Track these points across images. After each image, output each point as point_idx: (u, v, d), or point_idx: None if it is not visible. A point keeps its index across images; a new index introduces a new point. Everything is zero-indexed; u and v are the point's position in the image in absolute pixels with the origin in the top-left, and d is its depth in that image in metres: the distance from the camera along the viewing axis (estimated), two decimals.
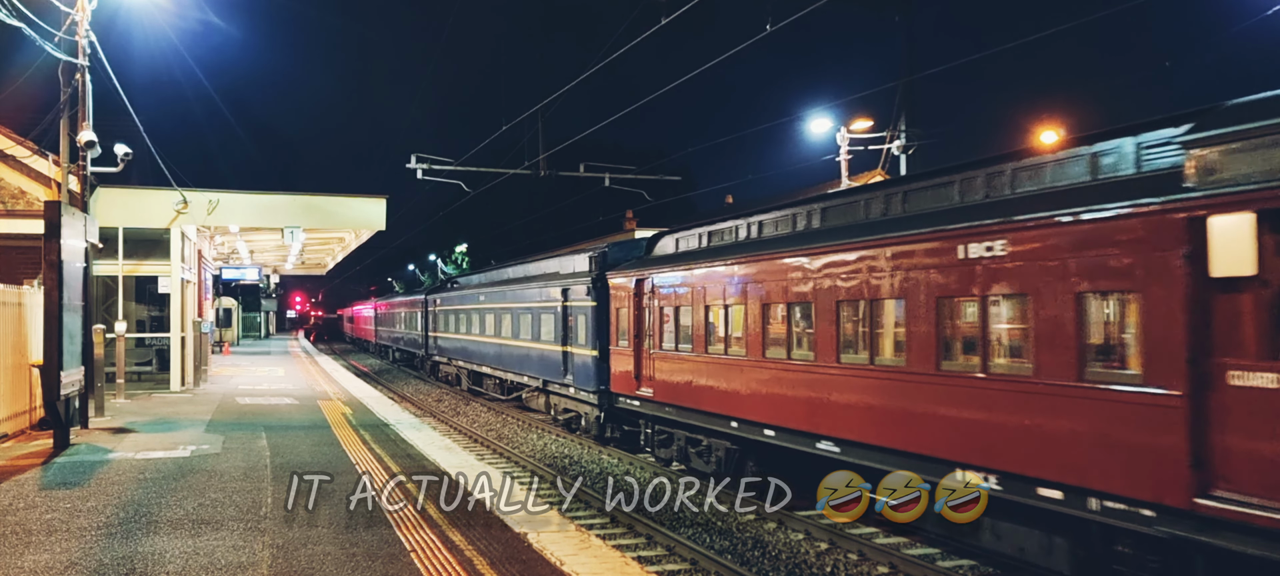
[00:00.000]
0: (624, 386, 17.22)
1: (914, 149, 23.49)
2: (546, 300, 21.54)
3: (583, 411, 19.90)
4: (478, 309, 28.48)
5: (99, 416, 16.63)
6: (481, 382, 29.31)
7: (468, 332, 29.83)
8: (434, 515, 9.27)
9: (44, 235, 12.71)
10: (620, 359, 17.36)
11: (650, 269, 16.47)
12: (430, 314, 37.22)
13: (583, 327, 19.19)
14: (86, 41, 16.04)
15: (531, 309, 22.75)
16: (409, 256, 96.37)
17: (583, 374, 19.24)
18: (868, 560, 10.80)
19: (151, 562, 7.38)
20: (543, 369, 21.98)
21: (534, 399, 23.96)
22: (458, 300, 31.89)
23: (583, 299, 19.23)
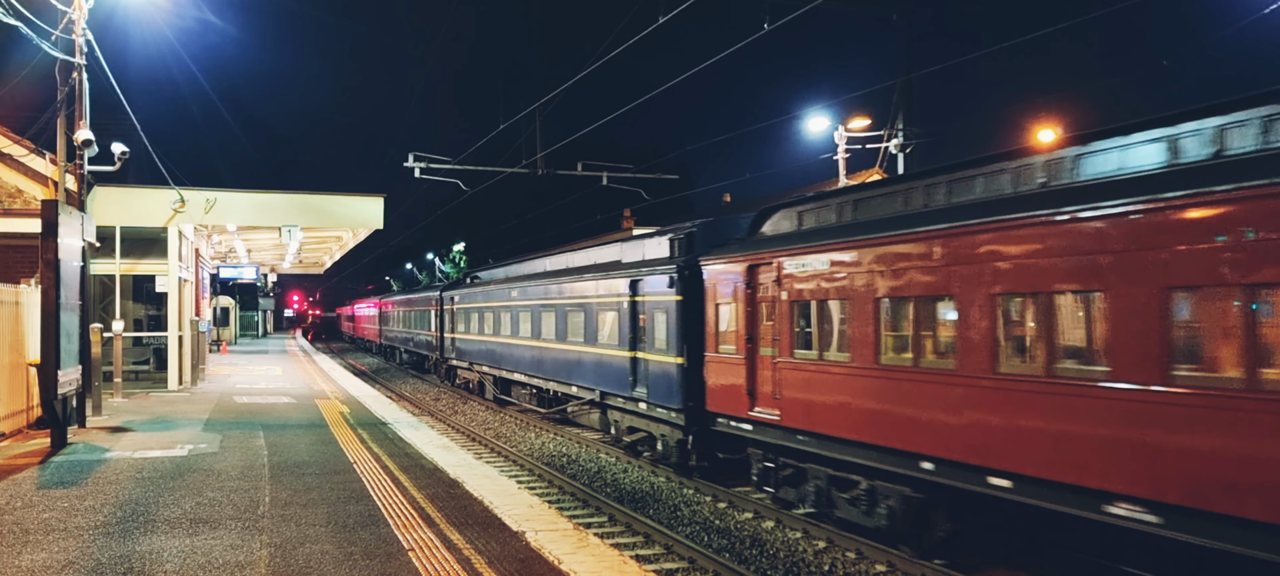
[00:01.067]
0: (727, 404, 13.75)
1: (911, 147, 23.50)
2: (607, 295, 18.18)
3: (659, 433, 16.17)
4: (508, 306, 24.88)
5: (96, 415, 16.62)
6: (509, 390, 26.26)
7: (495, 334, 26.26)
8: (432, 513, 9.27)
9: (41, 234, 12.70)
10: (721, 369, 13.95)
11: (772, 252, 12.65)
12: (446, 313, 33.64)
13: (662, 328, 15.64)
14: (83, 40, 16.01)
15: (585, 305, 19.26)
16: (406, 255, 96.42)
17: (661, 386, 15.62)
18: (866, 559, 10.81)
19: (149, 561, 7.38)
20: (600, 378, 18.44)
21: (584, 413, 20.54)
22: (482, 297, 28.07)
23: (662, 293, 15.66)
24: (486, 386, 28.28)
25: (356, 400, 21.69)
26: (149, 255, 24.65)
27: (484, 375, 28.43)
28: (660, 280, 15.76)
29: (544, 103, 25.68)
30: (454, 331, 32.18)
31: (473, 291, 29.60)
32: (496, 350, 26.17)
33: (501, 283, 26.44)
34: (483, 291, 28.14)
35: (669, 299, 15.38)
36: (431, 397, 30.95)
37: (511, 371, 24.98)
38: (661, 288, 15.70)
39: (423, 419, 21.44)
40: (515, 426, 22.94)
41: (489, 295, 27.27)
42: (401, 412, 19.73)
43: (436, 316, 35.64)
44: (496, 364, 26.38)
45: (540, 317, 22.03)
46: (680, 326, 14.97)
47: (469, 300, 29.94)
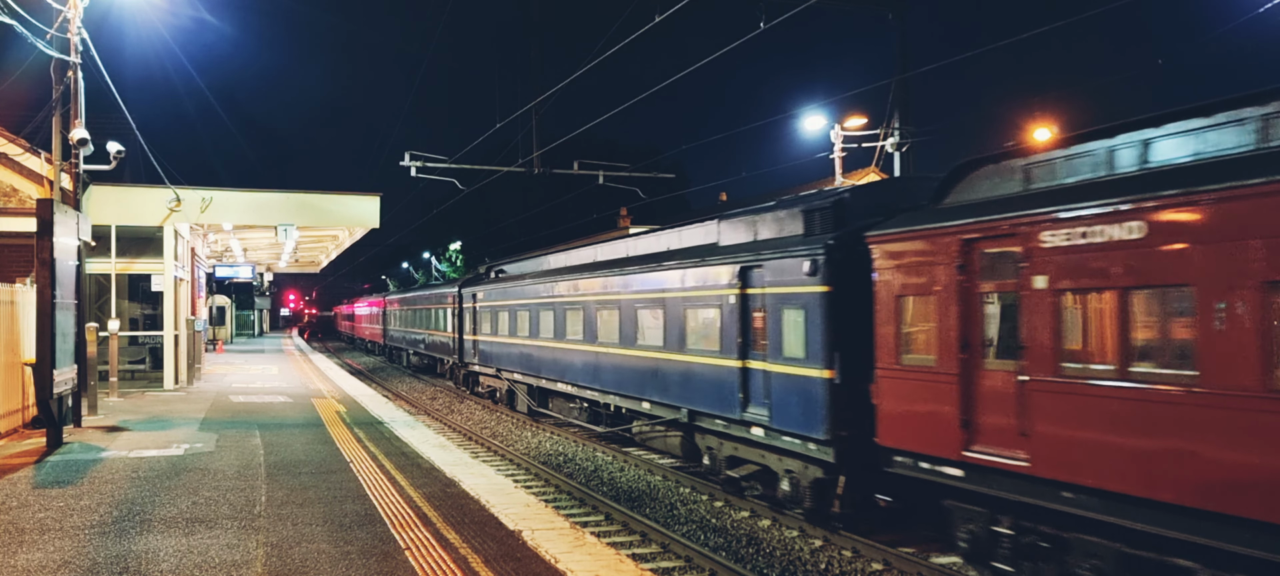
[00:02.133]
0: (917, 438, 9.89)
1: (908, 146, 23.53)
2: (701, 288, 14.29)
3: (784, 470, 12.30)
4: (550, 303, 20.99)
5: (92, 415, 16.59)
6: (548, 403, 22.30)
7: (531, 336, 22.24)
8: (428, 512, 9.27)
9: (36, 233, 12.68)
10: (906, 388, 10.07)
11: (1015, 218, 8.75)
12: (466, 311, 29.29)
13: (796, 330, 11.71)
14: (78, 39, 15.98)
15: (665, 301, 15.43)
16: (402, 255, 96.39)
17: (794, 408, 11.71)
18: (861, 558, 10.83)
19: (145, 561, 7.37)
20: (689, 393, 14.58)
21: (660, 436, 16.40)
22: (514, 294, 23.91)
23: (796, 282, 11.68)
24: (517, 396, 24.13)
25: (353, 399, 21.67)
26: (145, 254, 24.62)
27: (514, 383, 24.30)
28: (793, 265, 11.75)
29: (540, 101, 25.67)
30: (476, 332, 27.98)
31: (500, 287, 25.48)
32: (533, 355, 22.09)
33: (539, 277, 22.23)
34: (514, 287, 23.92)
35: (809, 290, 11.41)
36: (428, 397, 30.94)
37: (553, 380, 20.91)
38: (795, 275, 11.69)
39: (419, 418, 21.44)
40: (511, 425, 22.93)
41: (522, 291, 23.12)
42: (398, 411, 19.71)
43: (453, 315, 31.61)
44: (533, 371, 22.27)
45: (597, 317, 18.14)
46: (828, 327, 11.05)
47: (496, 297, 25.73)
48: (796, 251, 11.77)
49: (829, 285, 11.14)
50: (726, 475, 13.79)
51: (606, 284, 17.97)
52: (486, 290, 26.95)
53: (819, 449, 11.28)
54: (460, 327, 30.26)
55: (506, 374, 24.84)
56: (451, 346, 32.12)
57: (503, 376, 25.25)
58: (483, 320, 27.17)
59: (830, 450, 11.06)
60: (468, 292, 29.14)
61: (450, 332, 32.16)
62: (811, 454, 11.46)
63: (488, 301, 26.65)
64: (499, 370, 25.49)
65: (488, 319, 26.53)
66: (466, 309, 29.35)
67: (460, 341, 30.36)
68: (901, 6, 23.63)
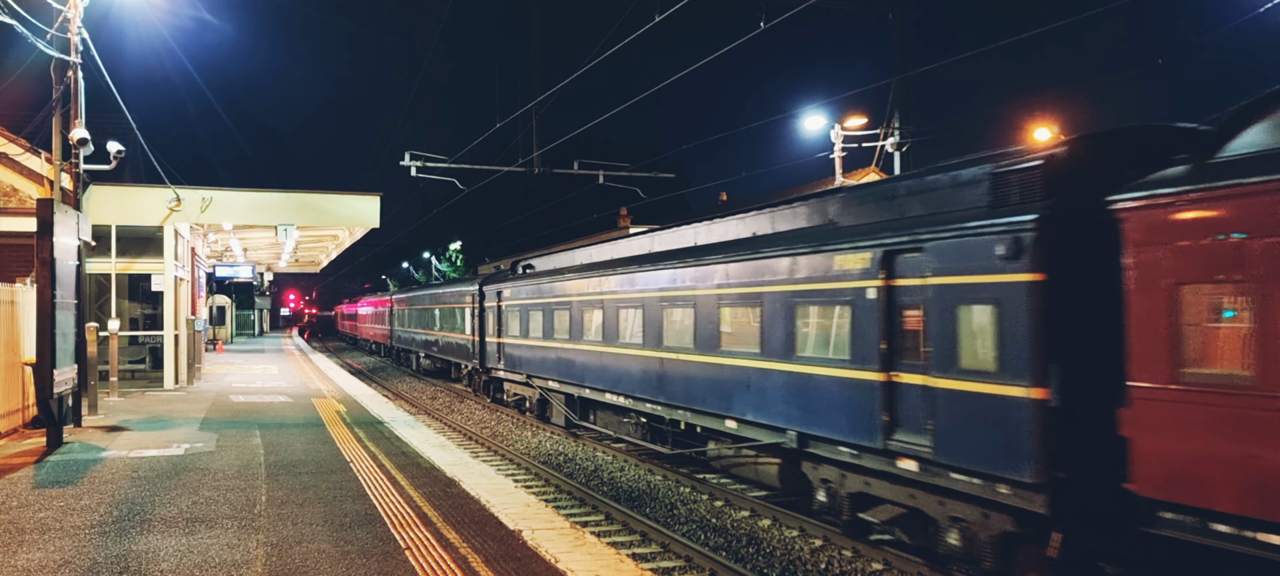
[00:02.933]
0: (1217, 490, 6.97)
1: (908, 146, 23.54)
2: (821, 279, 11.22)
3: (951, 516, 9.48)
4: (598, 301, 17.97)
5: (92, 414, 16.60)
6: (592, 415, 19.33)
7: (573, 338, 19.23)
8: (429, 512, 9.28)
9: (37, 233, 12.69)
10: (1180, 416, 7.22)
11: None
12: (489, 310, 26.36)
13: (985, 334, 8.81)
14: (79, 39, 15.99)
15: (763, 296, 12.31)
16: (402, 254, 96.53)
17: (980, 436, 8.77)
18: (862, 557, 10.83)
19: (145, 561, 7.38)
20: (801, 411, 11.50)
21: (748, 462, 13.16)
22: (550, 290, 20.88)
23: (988, 269, 8.76)
24: (552, 407, 21.26)
25: (353, 399, 21.68)
26: (145, 254, 24.63)
27: (548, 392, 21.30)
28: (978, 247, 8.81)
29: (540, 101, 25.69)
30: (501, 334, 24.95)
31: (531, 283, 22.42)
32: (575, 361, 19.13)
33: (582, 271, 19.25)
34: (549, 283, 20.95)
35: (1006, 279, 8.47)
36: (428, 396, 30.95)
37: (600, 390, 17.95)
38: (981, 260, 8.75)
39: (419, 417, 21.44)
40: (511, 425, 22.93)
41: (560, 288, 20.16)
42: (398, 411, 19.72)
43: (472, 316, 28.35)
44: (573, 378, 19.33)
45: (662, 317, 15.21)
46: (1040, 329, 8.13)
47: (527, 295, 22.68)
48: (984, 229, 8.68)
49: (1041, 272, 8.11)
50: (853, 516, 10.87)
51: (676, 278, 14.82)
52: (514, 287, 23.84)
53: (1018, 494, 8.28)
54: (481, 329, 27.14)
55: (538, 381, 21.76)
56: (470, 349, 28.84)
57: (534, 384, 22.15)
58: (509, 320, 24.12)
59: (1039, 497, 8.07)
60: (490, 290, 26.15)
61: (469, 334, 29.01)
62: (1003, 500, 8.46)
63: (516, 300, 23.55)
64: (529, 377, 22.41)
65: (516, 319, 23.45)
66: (489, 308, 26.39)
67: (481, 344, 27.25)
68: (901, 6, 23.65)
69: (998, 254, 8.54)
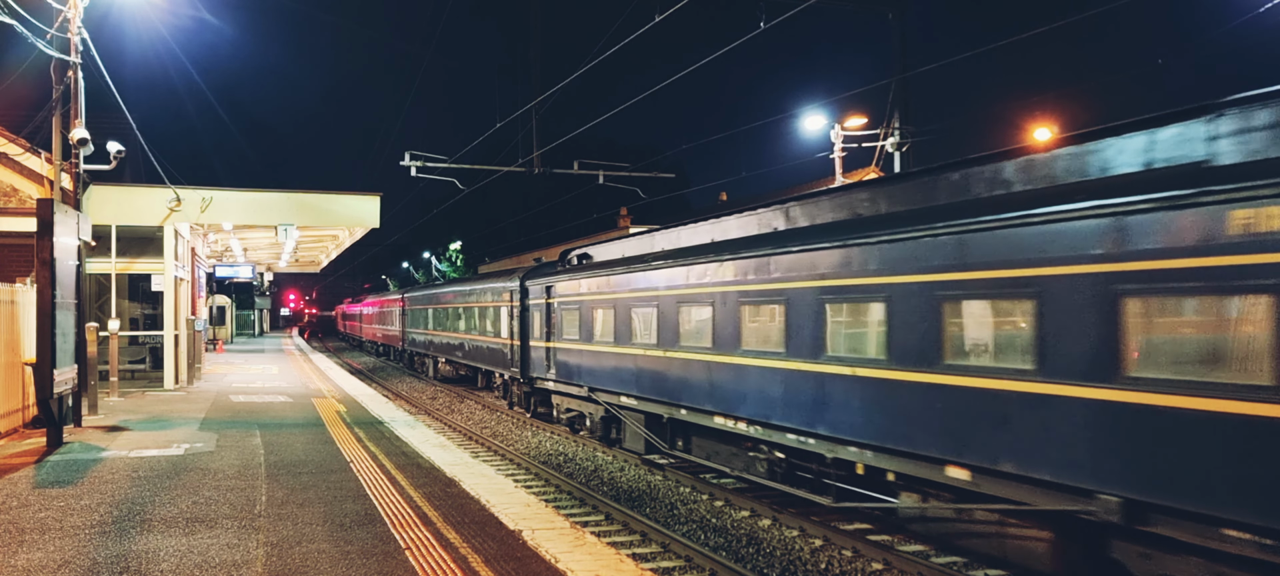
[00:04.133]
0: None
1: (908, 146, 23.54)
2: (1181, 250, 7.00)
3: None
4: (707, 293, 13.81)
5: (92, 414, 16.60)
6: (684, 440, 15.50)
7: (661, 344, 15.16)
8: (429, 512, 9.28)
9: (37, 233, 12.69)
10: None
11: None
12: (534, 309, 22.31)
13: None
14: (79, 39, 15.99)
15: (1052, 283, 8.03)
16: (402, 254, 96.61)
17: None
18: (862, 557, 10.83)
19: (145, 561, 7.38)
20: (1127, 465, 7.34)
21: (992, 531, 9.16)
22: (624, 283, 16.80)
23: None
24: (626, 428, 17.29)
25: (353, 399, 21.68)
26: (145, 254, 24.63)
27: (621, 410, 17.29)
28: None
29: (540, 101, 25.69)
30: (552, 337, 21.01)
31: (597, 277, 18.35)
32: (669, 373, 15.00)
33: (682, 258, 14.74)
34: (623, 276, 16.97)
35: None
36: (427, 396, 30.94)
37: (708, 412, 13.80)
38: None
39: (419, 417, 21.44)
40: (511, 425, 22.93)
41: (643, 281, 16.06)
42: (398, 411, 19.72)
43: (509, 316, 24.51)
44: (664, 394, 15.24)
45: (822, 317, 11.08)
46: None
47: (591, 289, 18.64)
48: None
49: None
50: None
51: (848, 261, 10.60)
52: (571, 282, 19.82)
53: None
54: (523, 331, 23.13)
55: (605, 395, 17.88)
56: (507, 355, 24.77)
57: (598, 399, 18.20)
58: (565, 321, 20.04)
59: None
60: (536, 286, 22.24)
61: (505, 338, 24.99)
62: None
63: (575, 296, 19.48)
64: (591, 390, 18.44)
65: (574, 319, 19.44)
66: (534, 306, 22.33)
67: (523, 350, 23.14)
68: (901, 6, 23.65)
69: None
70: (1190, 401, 6.80)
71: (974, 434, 8.71)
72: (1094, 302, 7.54)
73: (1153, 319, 7.21)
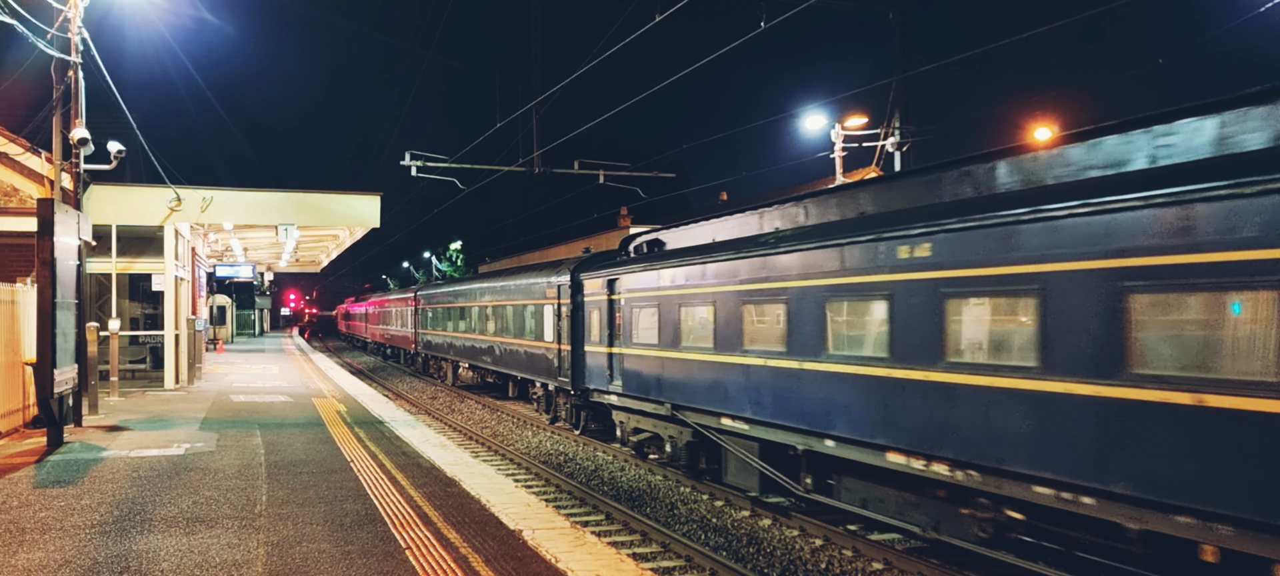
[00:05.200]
0: None
1: (908, 145, 23.54)
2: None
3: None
4: (879, 285, 10.08)
5: (93, 414, 16.60)
6: (832, 481, 11.70)
7: (803, 353, 11.45)
8: (429, 512, 9.28)
9: (37, 232, 12.69)
10: None
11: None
12: (590, 308, 18.89)
13: None
14: (79, 38, 15.99)
15: None
16: (402, 254, 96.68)
17: None
18: (862, 557, 10.84)
19: (146, 560, 7.38)
20: None
21: None
22: (727, 273, 13.24)
23: None
24: (731, 458, 13.74)
25: (353, 398, 21.68)
26: (145, 254, 24.63)
27: (722, 435, 13.71)
28: None
29: (540, 101, 25.70)
30: (615, 342, 17.39)
31: (681, 269, 14.60)
32: (804, 391, 11.38)
33: (820, 240, 11.13)
34: (726, 263, 13.25)
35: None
36: (428, 396, 30.95)
37: (874, 446, 10.20)
38: None
39: (420, 417, 21.45)
40: (512, 425, 22.93)
41: (758, 267, 12.41)
42: (398, 411, 19.72)
43: (554, 316, 20.97)
44: (795, 416, 11.57)
45: (1133, 311, 7.34)
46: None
47: (674, 283, 14.86)
48: None
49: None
50: None
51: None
52: (641, 275, 16.23)
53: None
54: (575, 334, 19.62)
55: (695, 415, 14.27)
56: (552, 362, 21.23)
57: (685, 418, 14.59)
58: (637, 322, 16.37)
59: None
60: (593, 280, 18.79)
61: (549, 342, 21.50)
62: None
63: (650, 289, 15.79)
64: (676, 408, 14.82)
65: (649, 320, 15.83)
66: (590, 304, 18.95)
67: (576, 356, 19.63)
68: (902, 6, 23.65)
69: None
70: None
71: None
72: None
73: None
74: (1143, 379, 7.15)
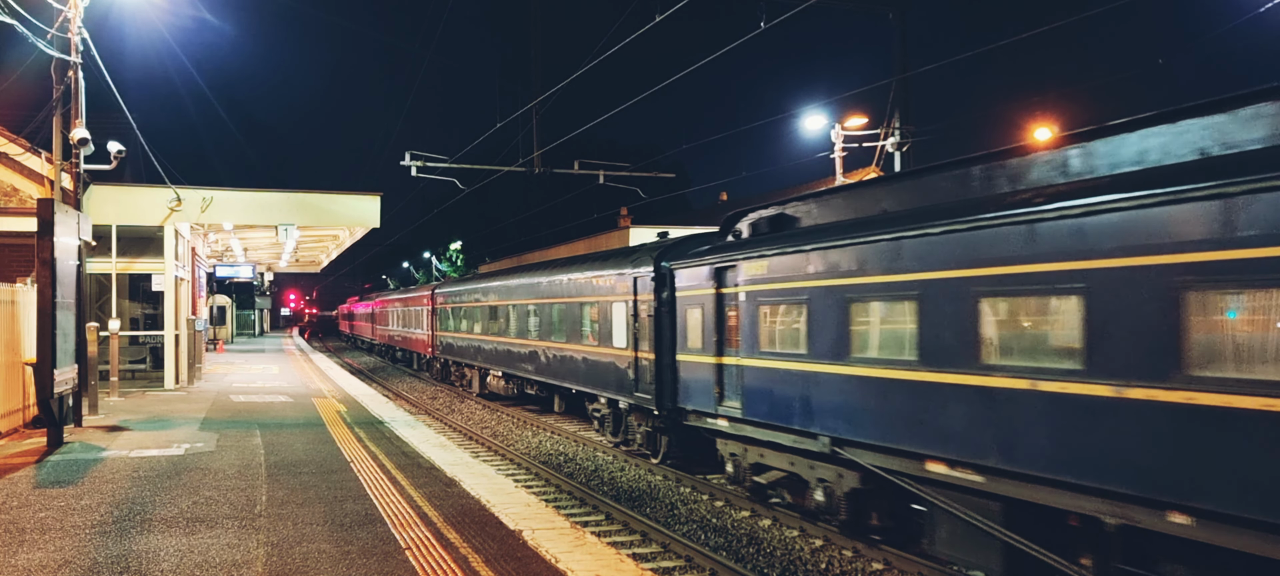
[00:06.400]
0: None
1: (908, 145, 23.55)
2: None
3: None
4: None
5: (93, 414, 16.60)
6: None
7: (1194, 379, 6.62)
8: (429, 512, 9.28)
9: (37, 233, 12.69)
10: None
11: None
12: (687, 306, 14.79)
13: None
14: (79, 38, 15.99)
15: None
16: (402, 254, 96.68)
17: None
18: (862, 557, 10.83)
19: (146, 561, 7.38)
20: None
21: None
22: (984, 247, 8.59)
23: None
24: (942, 522, 9.43)
25: (353, 399, 21.68)
26: (145, 254, 24.63)
27: (922, 485, 9.60)
28: None
29: (540, 101, 25.70)
30: (739, 351, 13.17)
31: (854, 248, 10.59)
32: (1120, 434, 7.22)
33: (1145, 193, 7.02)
34: (965, 237, 8.91)
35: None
36: (428, 396, 30.94)
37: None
38: None
39: (420, 417, 21.44)
40: (512, 425, 22.92)
41: (1019, 240, 8.21)
42: (398, 411, 19.72)
43: (629, 315, 16.71)
44: (1088, 470, 7.51)
45: None
46: None
47: (831, 270, 10.99)
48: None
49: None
50: None
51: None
52: (769, 263, 12.29)
53: None
54: (659, 338, 15.47)
55: (867, 453, 10.37)
56: (625, 375, 16.85)
57: (852, 456, 10.58)
58: (759, 322, 12.54)
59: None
60: (687, 270, 14.78)
61: (620, 347, 17.11)
62: None
63: (785, 280, 11.93)
64: (836, 443, 10.84)
65: (785, 320, 12.01)
66: (686, 300, 14.79)
67: (660, 368, 15.47)
68: (901, 6, 23.65)
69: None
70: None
71: None
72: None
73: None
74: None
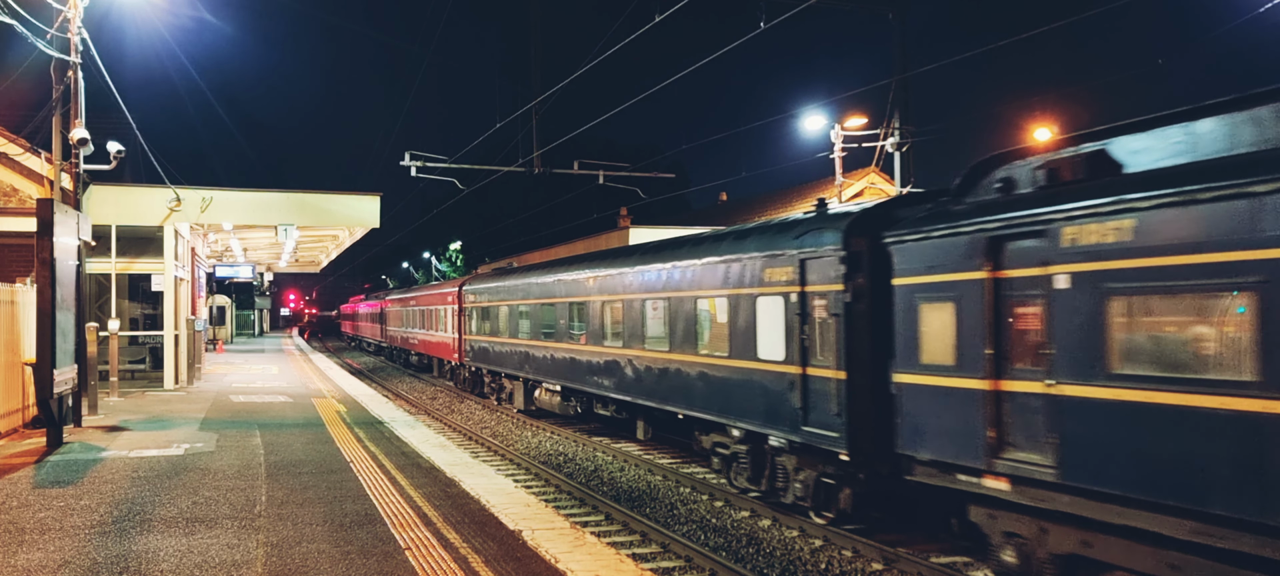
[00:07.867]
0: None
1: (908, 146, 23.54)
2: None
3: None
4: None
5: (92, 414, 16.59)
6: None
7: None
8: (429, 512, 9.28)
9: (37, 233, 12.69)
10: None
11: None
12: (929, 297, 9.27)
13: None
14: (79, 39, 15.99)
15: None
16: (402, 254, 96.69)
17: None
18: (861, 557, 10.83)
19: (145, 561, 7.37)
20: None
21: None
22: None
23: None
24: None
25: (353, 399, 21.68)
26: (145, 254, 24.63)
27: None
28: None
29: (540, 101, 25.68)
30: (1091, 369, 7.38)
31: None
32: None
33: None
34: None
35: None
36: (428, 396, 30.93)
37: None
38: None
39: (419, 417, 21.44)
40: (512, 425, 22.92)
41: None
42: (398, 411, 19.71)
43: (787, 315, 11.49)
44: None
45: None
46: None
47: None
48: None
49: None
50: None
51: None
52: (1144, 221, 6.88)
53: None
54: (852, 350, 10.39)
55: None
56: (787, 400, 11.51)
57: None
58: (1109, 320, 7.17)
59: None
60: (929, 244, 9.35)
61: (773, 360, 11.84)
62: None
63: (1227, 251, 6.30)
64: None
65: (1195, 317, 6.63)
66: (927, 289, 9.41)
67: (854, 392, 10.37)
68: (901, 6, 23.65)
69: None
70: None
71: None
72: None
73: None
74: None
